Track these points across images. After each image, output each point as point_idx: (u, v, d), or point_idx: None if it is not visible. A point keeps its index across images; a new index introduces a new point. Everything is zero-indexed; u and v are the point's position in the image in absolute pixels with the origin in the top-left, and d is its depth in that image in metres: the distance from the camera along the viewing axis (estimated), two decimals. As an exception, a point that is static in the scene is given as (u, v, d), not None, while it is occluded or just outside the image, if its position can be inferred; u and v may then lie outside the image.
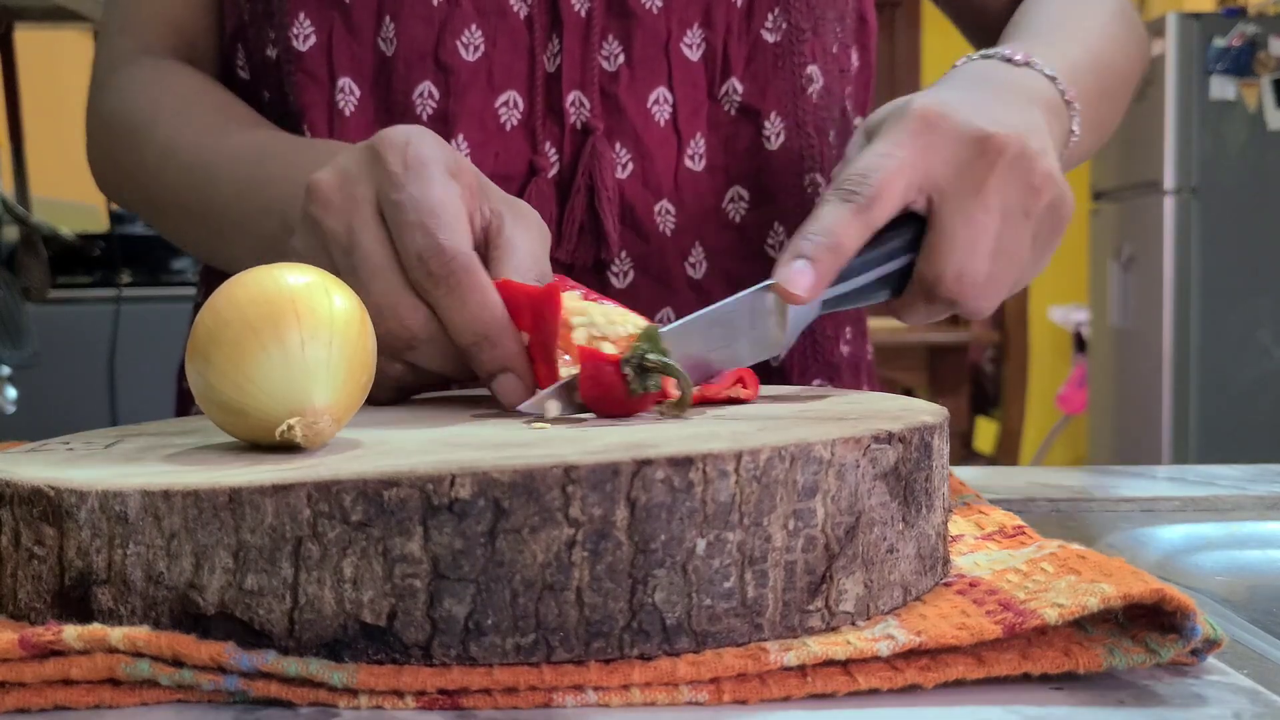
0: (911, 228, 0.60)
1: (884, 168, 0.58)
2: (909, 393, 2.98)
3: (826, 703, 0.37)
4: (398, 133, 0.56)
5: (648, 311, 0.73)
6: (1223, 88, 3.91)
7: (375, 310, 0.52)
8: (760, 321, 0.56)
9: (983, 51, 0.70)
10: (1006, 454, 3.29)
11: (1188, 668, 0.40)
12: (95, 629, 0.37)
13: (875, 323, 3.75)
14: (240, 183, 0.69)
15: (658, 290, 0.76)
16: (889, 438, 0.42)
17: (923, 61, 5.24)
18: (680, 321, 0.55)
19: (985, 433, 3.65)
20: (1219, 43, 3.90)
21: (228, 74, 0.81)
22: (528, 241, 0.56)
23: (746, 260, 0.78)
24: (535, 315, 0.53)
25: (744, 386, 0.54)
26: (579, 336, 0.50)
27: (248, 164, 0.70)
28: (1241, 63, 3.90)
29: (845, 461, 0.40)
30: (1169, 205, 3.95)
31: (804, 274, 0.56)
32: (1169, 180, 3.94)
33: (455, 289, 0.52)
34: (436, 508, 0.36)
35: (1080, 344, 4.86)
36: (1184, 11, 4.02)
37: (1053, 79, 0.68)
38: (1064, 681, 0.38)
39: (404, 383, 0.57)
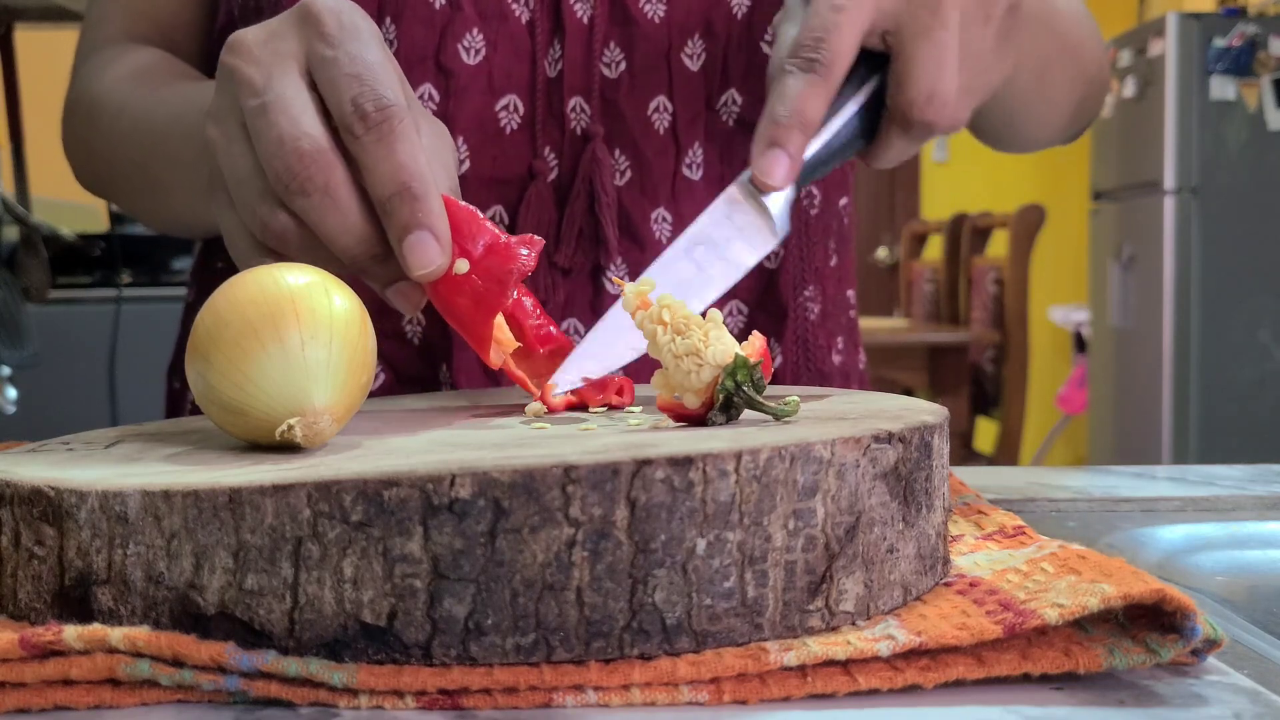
0: (865, 66, 0.60)
1: (838, 24, 0.57)
2: (909, 393, 2.98)
3: (826, 703, 0.37)
4: (328, 1, 0.54)
5: None
6: (1223, 88, 3.91)
7: (277, 143, 0.50)
8: (745, 220, 0.57)
9: None
10: (1006, 454, 3.29)
11: (1188, 668, 0.40)
12: (95, 629, 0.37)
13: (876, 324, 3.76)
14: (172, 116, 0.69)
15: None
16: (889, 437, 0.42)
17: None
18: (661, 259, 0.55)
19: (985, 433, 3.65)
20: (1219, 43, 3.91)
21: (212, 70, 0.82)
22: (443, 154, 0.56)
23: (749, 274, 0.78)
24: (487, 256, 0.52)
25: (620, 395, 0.55)
26: (657, 382, 0.47)
27: (181, 102, 0.69)
28: (1241, 63, 3.90)
29: (845, 461, 0.40)
30: (1169, 205, 3.95)
31: (779, 161, 0.57)
32: (1169, 180, 3.94)
33: (386, 136, 0.50)
34: (436, 508, 0.36)
35: (1080, 344, 4.86)
36: (1184, 11, 4.02)
37: None
38: (1064, 681, 0.38)
39: (284, 238, 0.53)
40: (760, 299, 0.78)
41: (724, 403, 0.45)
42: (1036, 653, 0.38)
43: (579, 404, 0.55)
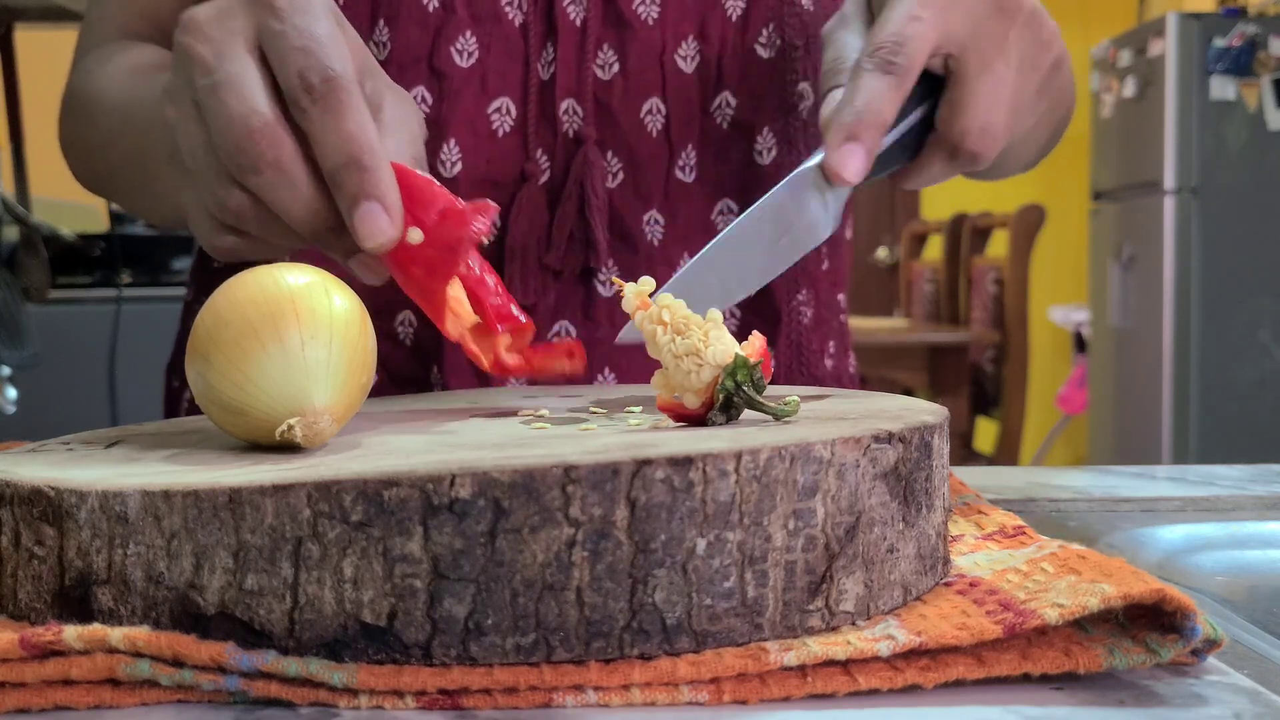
0: (919, 89, 0.61)
1: (916, 34, 0.58)
2: (909, 393, 2.97)
3: (827, 703, 0.37)
4: None
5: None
6: (1223, 88, 3.91)
7: (227, 122, 0.51)
8: (806, 208, 0.58)
9: None
10: (1006, 454, 3.29)
11: (1188, 668, 0.40)
12: (95, 629, 0.37)
13: (876, 323, 3.75)
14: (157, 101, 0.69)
15: None
16: (889, 437, 0.42)
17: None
18: (732, 230, 0.55)
19: (985, 433, 3.65)
20: (1219, 43, 3.91)
21: None
22: (408, 124, 0.56)
23: None
24: (440, 223, 0.51)
25: (570, 358, 0.55)
26: (657, 382, 0.47)
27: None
28: (1242, 63, 3.90)
29: (845, 461, 0.40)
30: (1169, 205, 3.95)
31: (855, 155, 0.57)
32: (1169, 180, 3.94)
33: (333, 107, 0.51)
34: (436, 508, 0.36)
35: (1080, 344, 4.86)
36: (1184, 11, 4.02)
37: None
38: (1064, 681, 0.38)
39: (241, 215, 0.53)
40: (754, 303, 0.78)
41: (724, 403, 0.45)
42: (1036, 653, 0.38)
43: (529, 368, 0.54)
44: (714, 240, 0.57)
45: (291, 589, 0.37)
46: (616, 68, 0.74)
